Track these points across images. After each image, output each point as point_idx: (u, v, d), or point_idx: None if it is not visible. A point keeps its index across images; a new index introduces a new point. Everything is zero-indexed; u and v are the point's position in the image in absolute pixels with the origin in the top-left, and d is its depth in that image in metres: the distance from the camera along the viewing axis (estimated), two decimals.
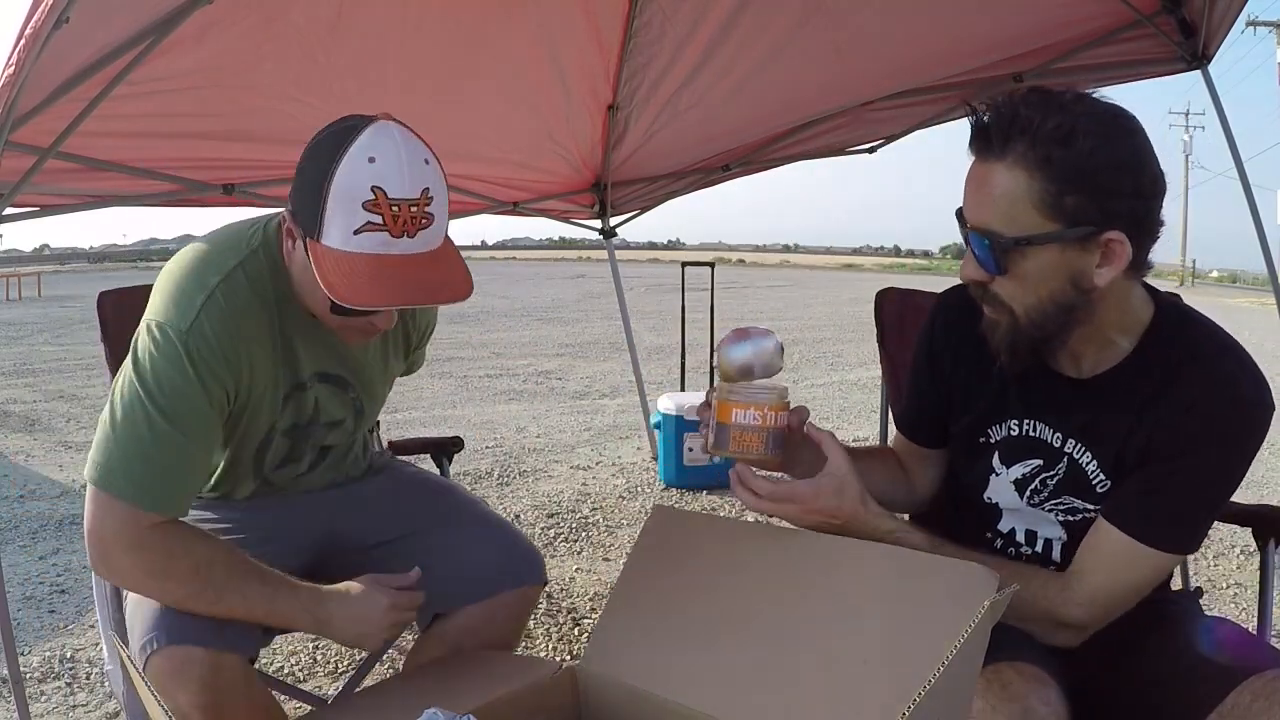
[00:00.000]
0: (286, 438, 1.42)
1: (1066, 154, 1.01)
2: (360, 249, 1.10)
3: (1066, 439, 1.18)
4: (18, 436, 5.68)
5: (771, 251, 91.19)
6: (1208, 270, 59.11)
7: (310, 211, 1.13)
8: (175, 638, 1.18)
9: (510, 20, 2.58)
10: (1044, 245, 1.04)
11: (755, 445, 1.17)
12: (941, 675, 0.81)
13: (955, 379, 1.31)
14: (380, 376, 1.53)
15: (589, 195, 4.02)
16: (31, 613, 2.89)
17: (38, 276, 22.17)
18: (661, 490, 4.33)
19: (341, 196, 1.10)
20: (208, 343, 1.19)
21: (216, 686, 1.18)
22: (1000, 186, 1.04)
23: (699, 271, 5.77)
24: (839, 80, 3.09)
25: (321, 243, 1.12)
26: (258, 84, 2.40)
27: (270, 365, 1.30)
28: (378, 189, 1.09)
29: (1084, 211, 1.02)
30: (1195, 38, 2.58)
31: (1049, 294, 1.07)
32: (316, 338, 1.35)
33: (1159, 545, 1.08)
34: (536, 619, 2.82)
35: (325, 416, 1.43)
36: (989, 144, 1.05)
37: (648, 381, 5.09)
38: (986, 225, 1.06)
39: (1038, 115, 1.02)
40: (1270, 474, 4.71)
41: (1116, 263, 1.04)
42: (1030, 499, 1.22)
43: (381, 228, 1.10)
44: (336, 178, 1.10)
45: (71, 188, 2.61)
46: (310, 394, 1.39)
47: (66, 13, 1.30)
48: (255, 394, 1.30)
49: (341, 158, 1.10)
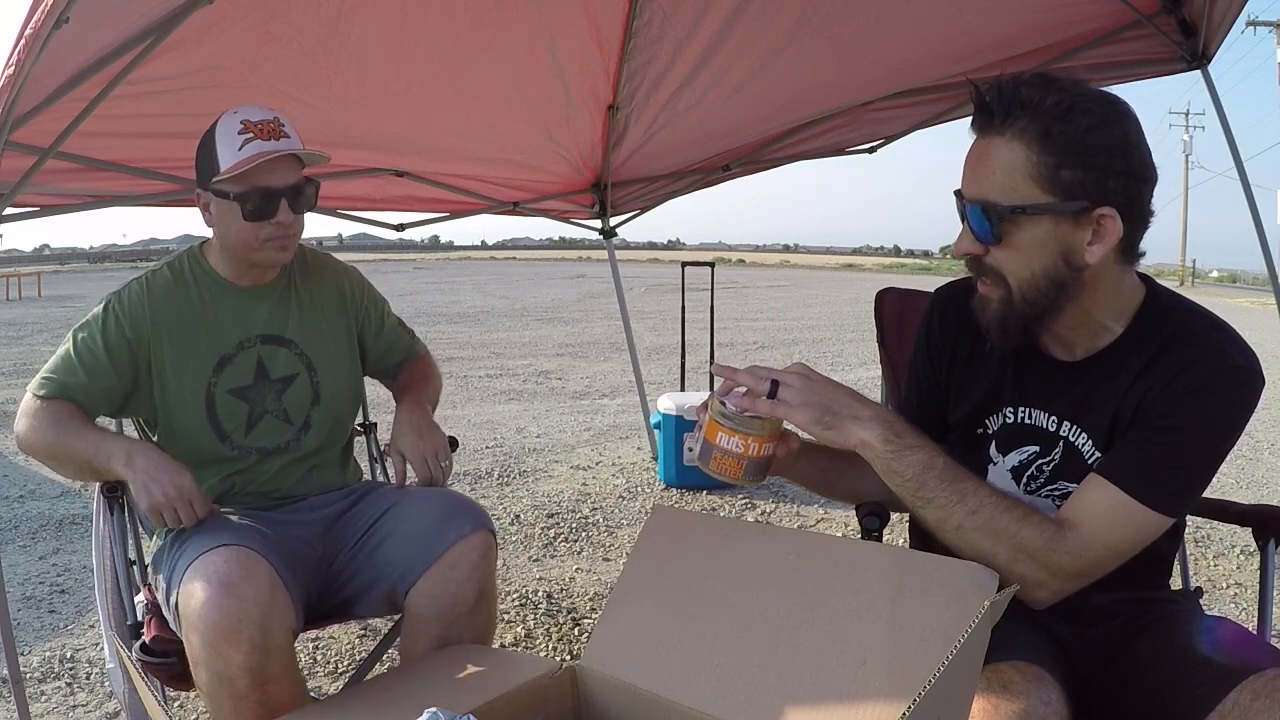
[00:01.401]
0: (239, 399, 1.66)
1: (1065, 129, 1.04)
2: (247, 154, 1.54)
3: (1061, 422, 1.20)
4: None
5: (771, 251, 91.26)
6: (1208, 270, 59.18)
7: (208, 163, 1.57)
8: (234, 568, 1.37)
9: (510, 21, 2.58)
10: (1039, 216, 1.07)
11: (733, 470, 1.17)
12: (941, 675, 0.81)
13: (953, 371, 1.33)
14: (330, 336, 1.76)
15: (589, 195, 4.02)
16: (31, 613, 2.89)
17: (38, 276, 22.20)
18: (661, 490, 4.33)
19: (222, 135, 1.56)
20: (122, 305, 1.61)
21: (266, 648, 1.32)
22: (1000, 159, 1.08)
23: (699, 271, 5.77)
24: (839, 80, 3.09)
25: (220, 169, 1.54)
26: (258, 84, 2.40)
27: (188, 331, 1.63)
28: (244, 121, 1.56)
29: (1079, 186, 1.05)
30: (1195, 38, 2.58)
31: (1041, 268, 1.10)
32: (247, 306, 1.68)
33: (1149, 502, 1.07)
34: (537, 619, 2.82)
35: (275, 373, 1.69)
36: (991, 119, 1.09)
37: (648, 381, 5.09)
38: (984, 196, 1.09)
39: (1038, 93, 1.06)
40: (1270, 474, 4.71)
41: (1108, 240, 1.07)
42: (1027, 486, 1.23)
43: (253, 138, 1.55)
44: (216, 130, 1.57)
45: (71, 188, 2.61)
46: (250, 353, 1.67)
47: (66, 13, 1.30)
48: (173, 350, 1.62)
49: (215, 124, 1.58)
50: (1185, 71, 2.66)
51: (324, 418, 1.74)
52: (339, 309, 1.80)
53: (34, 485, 4.47)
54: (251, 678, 1.32)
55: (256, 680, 1.33)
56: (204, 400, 1.63)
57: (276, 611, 1.36)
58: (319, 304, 1.77)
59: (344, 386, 1.78)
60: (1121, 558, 1.09)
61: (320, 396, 1.73)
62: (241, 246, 1.61)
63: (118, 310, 1.60)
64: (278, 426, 1.69)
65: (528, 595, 3.00)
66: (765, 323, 13.82)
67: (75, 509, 4.03)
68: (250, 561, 1.38)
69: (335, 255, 1.92)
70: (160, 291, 1.63)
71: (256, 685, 1.33)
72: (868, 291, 2.10)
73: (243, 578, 1.35)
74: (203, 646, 1.32)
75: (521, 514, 3.94)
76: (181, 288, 1.65)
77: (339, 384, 1.77)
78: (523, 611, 2.88)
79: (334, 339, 1.77)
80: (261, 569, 1.38)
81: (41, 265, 40.53)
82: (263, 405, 1.68)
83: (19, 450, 1.64)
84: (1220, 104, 2.73)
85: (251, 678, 1.32)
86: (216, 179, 1.55)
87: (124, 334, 1.59)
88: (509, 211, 3.96)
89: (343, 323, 1.80)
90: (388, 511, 1.66)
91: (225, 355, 1.65)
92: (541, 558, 3.41)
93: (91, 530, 1.70)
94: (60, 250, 73.71)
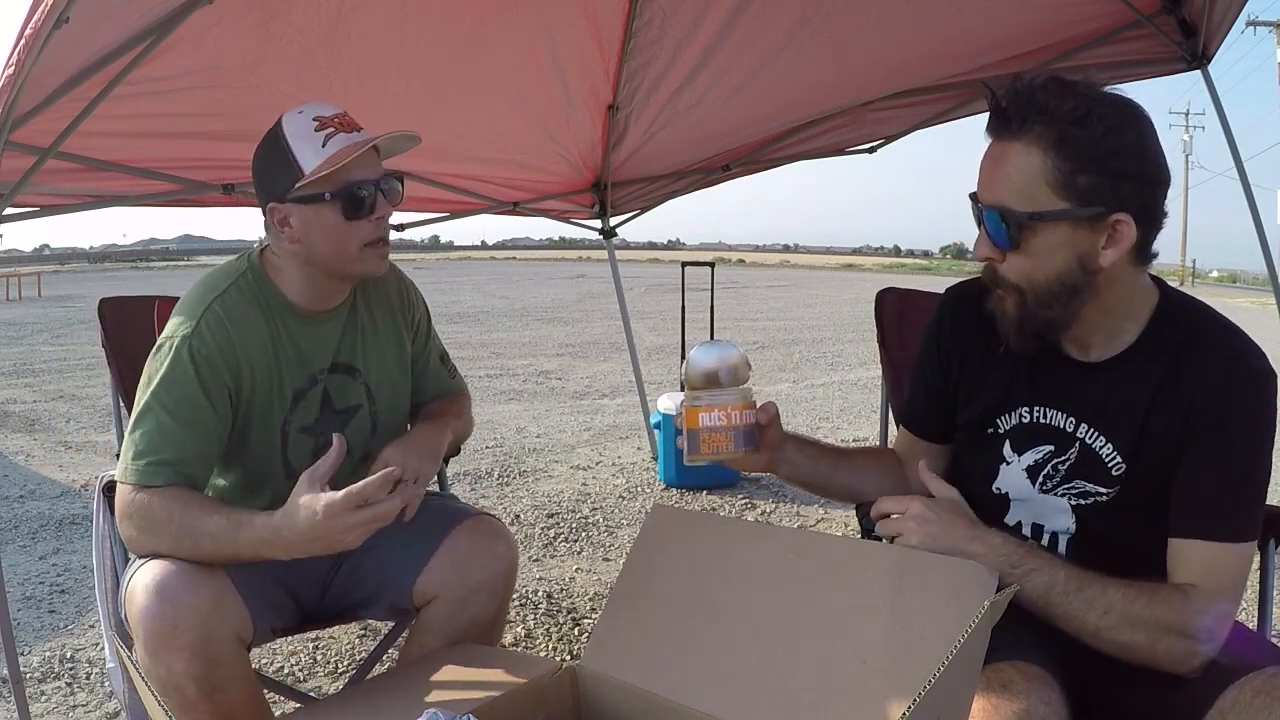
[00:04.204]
0: (308, 435, 1.53)
1: (1081, 135, 1.05)
2: (334, 149, 1.38)
3: (1079, 424, 1.20)
4: (18, 436, 5.68)
5: (771, 251, 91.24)
6: (1208, 270, 59.15)
7: (284, 170, 1.39)
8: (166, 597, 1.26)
9: (510, 20, 2.58)
10: (1056, 222, 1.08)
11: (725, 445, 1.22)
12: (941, 675, 0.81)
13: (964, 372, 1.32)
14: (391, 360, 1.62)
15: (589, 195, 4.02)
16: (31, 613, 2.89)
17: (38, 276, 22.19)
18: (661, 490, 4.33)
19: (298, 136, 1.39)
20: (205, 344, 1.39)
21: (208, 656, 1.27)
22: (1016, 164, 1.08)
23: (699, 271, 5.76)
24: (839, 80, 3.09)
25: (306, 171, 1.37)
26: (258, 84, 2.40)
27: (270, 365, 1.46)
28: (316, 117, 1.40)
29: (1095, 191, 1.06)
30: (1195, 38, 2.58)
31: (1056, 272, 1.10)
32: (318, 332, 1.52)
33: (1240, 538, 1.10)
34: (537, 619, 2.82)
35: (340, 403, 1.56)
36: (1007, 124, 1.09)
37: (648, 381, 5.09)
38: (1001, 202, 1.10)
39: (1054, 98, 1.06)
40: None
41: (1122, 245, 1.08)
42: (1042, 485, 1.23)
43: (335, 131, 1.40)
44: (286, 133, 1.40)
45: (71, 188, 2.61)
46: (319, 387, 1.53)
47: (66, 13, 1.30)
48: (259, 390, 1.46)
49: (281, 124, 1.41)
50: (1185, 71, 2.66)
51: (379, 449, 1.54)
52: (397, 324, 1.64)
53: (34, 485, 4.46)
54: (198, 686, 1.27)
55: (204, 689, 1.27)
56: (279, 441, 1.50)
57: (220, 618, 1.28)
58: (381, 323, 1.61)
59: (399, 417, 1.66)
60: (1241, 596, 1.11)
61: (377, 427, 1.61)
62: (337, 256, 1.44)
63: (202, 351, 1.38)
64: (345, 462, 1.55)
65: (528, 595, 3.00)
66: (765, 323, 13.81)
67: (75, 509, 4.03)
68: (193, 568, 1.29)
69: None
70: (241, 319, 1.43)
71: (205, 694, 1.28)
72: (868, 291, 2.10)
73: (181, 584, 1.27)
74: (145, 654, 1.28)
75: (521, 514, 3.94)
76: (261, 314, 1.45)
77: (395, 414, 1.65)
78: (523, 611, 2.88)
79: (394, 363, 1.63)
80: (204, 576, 1.29)
81: (41, 265, 40.51)
82: (327, 439, 1.46)
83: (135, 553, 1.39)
84: (1220, 104, 2.73)
85: (198, 686, 1.27)
86: (302, 183, 1.37)
87: (219, 375, 1.39)
88: (509, 211, 3.96)
89: (399, 341, 1.65)
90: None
91: (299, 390, 1.50)
92: (541, 558, 3.41)
93: (91, 530, 1.69)
94: (60, 250, 73.74)
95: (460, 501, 1.76)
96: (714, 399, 1.23)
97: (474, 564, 1.51)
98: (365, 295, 1.59)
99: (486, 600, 1.51)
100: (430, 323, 1.75)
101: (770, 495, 4.15)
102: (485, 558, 1.52)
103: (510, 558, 1.56)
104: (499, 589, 1.54)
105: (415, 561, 1.53)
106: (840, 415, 6.28)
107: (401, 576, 1.53)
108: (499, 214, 3.97)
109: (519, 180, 3.73)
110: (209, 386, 1.37)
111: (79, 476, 4.61)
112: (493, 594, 1.52)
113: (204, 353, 1.37)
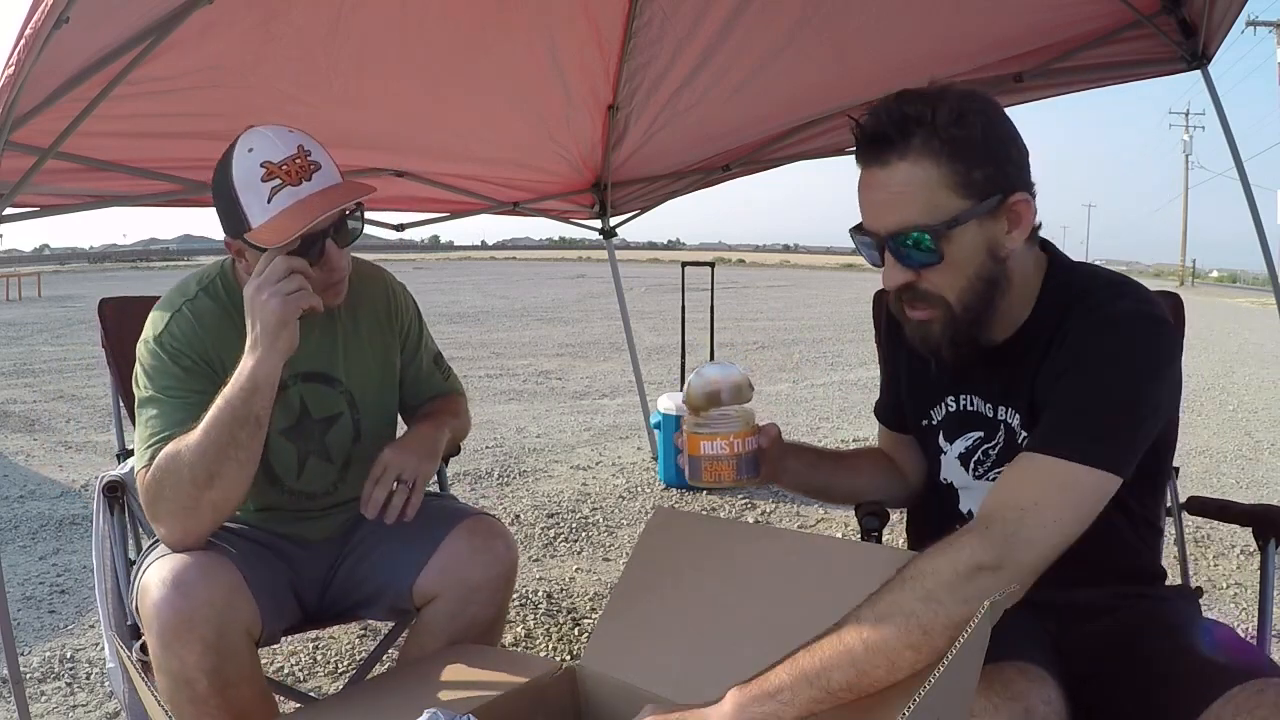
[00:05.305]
0: (287, 440, 1.55)
1: (964, 133, 1.07)
2: (279, 207, 1.34)
3: (997, 407, 1.21)
4: (18, 436, 5.68)
5: (771, 251, 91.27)
6: (1208, 270, 59.18)
7: (235, 215, 1.37)
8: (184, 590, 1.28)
9: (510, 21, 2.58)
10: (966, 223, 1.09)
11: (727, 473, 1.21)
12: (941, 675, 0.81)
13: (900, 366, 1.36)
14: (375, 367, 1.63)
15: (589, 195, 4.02)
16: (31, 613, 2.89)
17: (38, 276, 22.21)
18: (661, 490, 4.33)
19: (244, 185, 1.35)
20: (175, 339, 1.43)
21: (221, 650, 1.28)
22: (912, 181, 1.08)
23: (699, 271, 5.76)
24: (839, 80, 3.09)
25: (253, 227, 1.35)
26: (258, 84, 2.40)
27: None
28: (265, 163, 1.35)
29: (990, 181, 1.08)
30: (1195, 38, 2.57)
31: (974, 272, 1.11)
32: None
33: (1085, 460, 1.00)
34: (537, 619, 2.82)
35: (317, 412, 1.57)
36: (888, 145, 1.08)
37: (648, 381, 5.09)
38: (908, 222, 1.09)
39: (925, 108, 1.07)
40: (1270, 474, 4.71)
41: (1024, 224, 1.11)
42: (975, 471, 1.25)
43: (282, 185, 1.34)
44: (234, 177, 1.36)
45: (71, 188, 2.61)
46: (293, 392, 1.54)
47: (66, 13, 1.30)
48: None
49: (230, 164, 1.37)
50: (1185, 71, 2.66)
51: (365, 456, 1.57)
52: (383, 332, 1.66)
53: (34, 485, 4.47)
54: (210, 680, 1.28)
55: (216, 684, 1.28)
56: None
57: (233, 613, 1.31)
58: (364, 330, 1.62)
59: (386, 423, 1.68)
60: (1067, 527, 0.98)
61: (361, 434, 1.62)
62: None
63: (173, 345, 1.42)
64: (322, 468, 1.59)
65: (528, 595, 3.00)
66: (765, 323, 13.81)
67: (75, 509, 4.03)
68: (209, 563, 1.32)
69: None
70: (210, 321, 1.46)
71: (216, 689, 1.29)
72: (867, 291, 2.10)
73: (197, 577, 1.30)
74: (158, 647, 1.29)
75: (521, 514, 3.94)
76: (229, 319, 1.46)
77: (381, 420, 1.66)
78: (523, 611, 2.88)
79: (378, 371, 1.64)
80: (220, 570, 1.32)
81: (41, 265, 40.55)
82: (307, 445, 1.57)
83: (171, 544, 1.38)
84: (1220, 104, 2.73)
85: (210, 680, 1.28)
86: (249, 234, 1.37)
87: (195, 359, 1.43)
88: (509, 211, 3.95)
89: (386, 348, 1.66)
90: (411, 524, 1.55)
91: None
92: (541, 558, 3.41)
93: (91, 530, 1.70)
94: (60, 250, 73.79)
95: (460, 501, 1.77)
96: (716, 426, 1.20)
97: (474, 564, 1.51)
98: (348, 304, 1.57)
99: (486, 600, 1.52)
100: (422, 326, 1.76)
101: (770, 496, 4.16)
102: (485, 558, 1.53)
103: (510, 558, 1.57)
104: (499, 589, 1.54)
105: (415, 561, 1.53)
106: (840, 415, 6.28)
107: (401, 576, 1.54)
108: (499, 214, 3.96)
109: (519, 180, 3.73)
110: (186, 367, 1.42)
111: (79, 476, 4.61)
112: (493, 594, 1.53)
113: (175, 345, 1.42)
